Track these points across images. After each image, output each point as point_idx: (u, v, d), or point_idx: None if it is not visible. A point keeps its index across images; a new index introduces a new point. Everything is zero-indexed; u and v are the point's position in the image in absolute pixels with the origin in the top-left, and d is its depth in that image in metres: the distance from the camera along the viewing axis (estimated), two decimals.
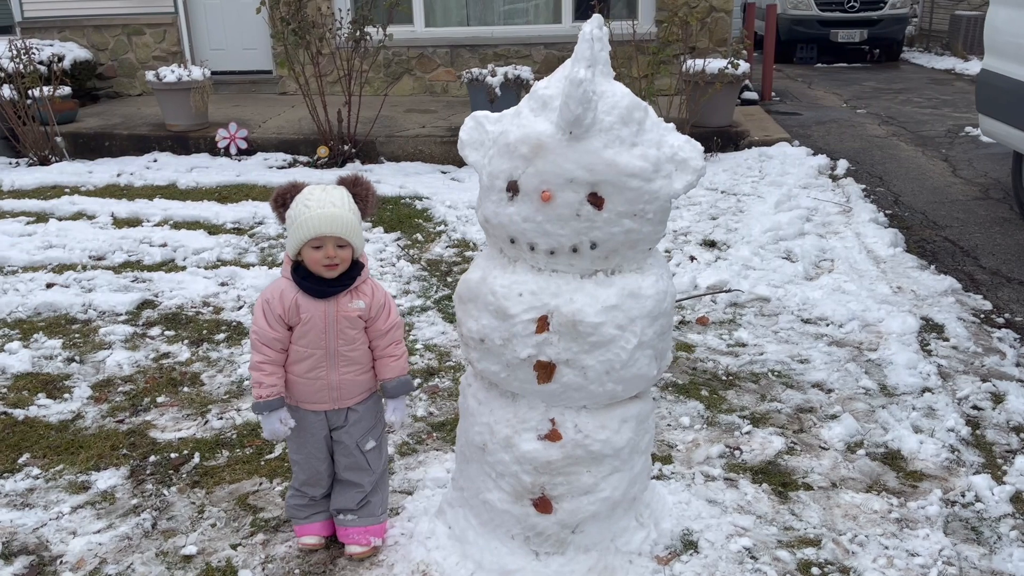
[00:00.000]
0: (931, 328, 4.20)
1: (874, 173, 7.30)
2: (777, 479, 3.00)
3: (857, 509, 2.83)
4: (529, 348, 2.32)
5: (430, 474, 3.05)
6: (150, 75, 8.27)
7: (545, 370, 2.34)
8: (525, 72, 7.91)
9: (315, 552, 2.69)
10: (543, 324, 2.31)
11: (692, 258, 5.20)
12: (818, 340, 4.08)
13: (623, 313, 2.31)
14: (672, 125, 2.43)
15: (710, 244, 5.49)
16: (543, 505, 2.46)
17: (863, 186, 6.76)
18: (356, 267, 2.47)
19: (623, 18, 9.37)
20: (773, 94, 11.25)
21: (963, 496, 2.87)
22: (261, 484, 3.06)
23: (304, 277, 2.43)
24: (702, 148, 2.39)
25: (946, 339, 4.06)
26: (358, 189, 2.50)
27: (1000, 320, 4.32)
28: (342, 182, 2.52)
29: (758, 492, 2.92)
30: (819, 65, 14.95)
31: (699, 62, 7.51)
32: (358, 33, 7.63)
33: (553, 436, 2.41)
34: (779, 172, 7.06)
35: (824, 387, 3.65)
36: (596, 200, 2.24)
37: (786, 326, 4.24)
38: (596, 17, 2.36)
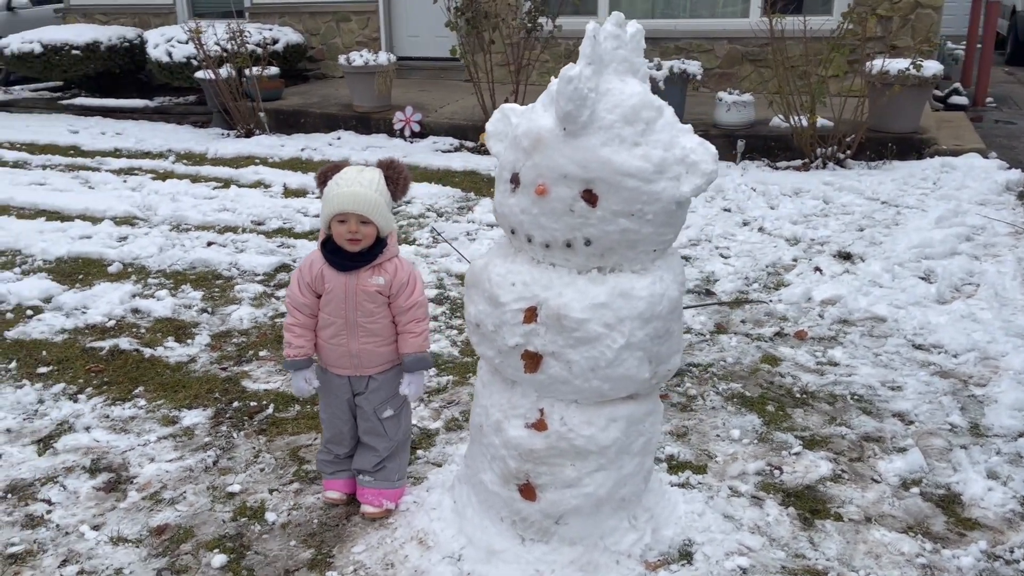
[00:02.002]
0: None
1: None
2: (808, 505, 2.84)
3: (884, 548, 2.63)
4: (517, 337, 2.38)
5: (462, 450, 3.17)
6: (341, 59, 8.92)
7: (532, 360, 2.39)
8: (693, 67, 7.75)
9: (336, 507, 2.91)
10: (531, 315, 2.36)
11: (817, 269, 4.93)
12: (922, 368, 3.77)
13: (612, 312, 2.31)
14: (689, 127, 2.38)
15: (845, 256, 5.16)
16: (527, 492, 2.52)
17: None
18: (379, 244, 2.64)
19: (817, 13, 8.93)
20: (989, 100, 10.21)
21: (1011, 552, 2.59)
22: (315, 439, 3.32)
23: (331, 251, 2.63)
24: (715, 152, 2.33)
25: None
26: (391, 172, 2.67)
27: None
28: (379, 165, 2.69)
29: (781, 515, 2.79)
30: None
31: (878, 62, 7.01)
32: (530, 24, 7.82)
33: (540, 426, 2.46)
34: (956, 185, 6.46)
35: (906, 418, 3.38)
36: (590, 197, 2.26)
37: (892, 350, 3.94)
38: (616, 15, 2.37)
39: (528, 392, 2.49)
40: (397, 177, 2.67)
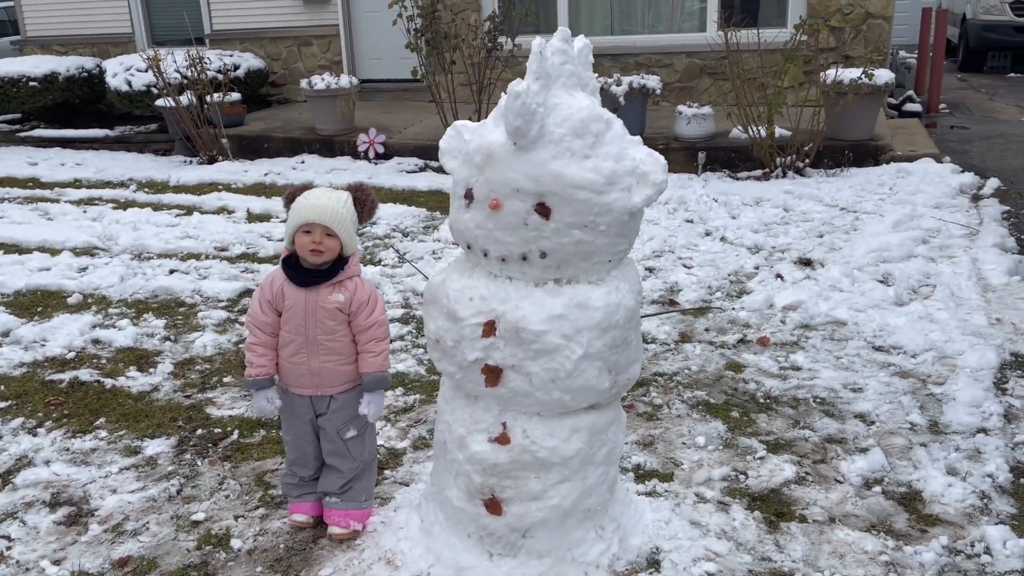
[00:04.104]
0: (1019, 365, 3.82)
1: None
2: (773, 508, 2.87)
3: (847, 548, 2.66)
4: (477, 351, 2.39)
5: (429, 469, 3.16)
6: (303, 83, 8.93)
7: (492, 374, 2.40)
8: (652, 81, 7.84)
9: (303, 530, 2.88)
10: (489, 329, 2.37)
11: (779, 276, 5.00)
12: (882, 369, 3.83)
13: (569, 323, 2.33)
14: (638, 138, 2.42)
15: (805, 263, 5.24)
16: (493, 506, 2.51)
17: (1006, 208, 6.19)
18: (341, 262, 2.64)
19: (773, 25, 9.09)
20: (942, 106, 10.44)
21: (972, 547, 2.63)
22: (281, 464, 3.29)
23: (291, 267, 2.63)
24: (665, 162, 2.36)
25: None
26: (359, 195, 2.69)
27: None
28: (348, 188, 2.70)
29: (747, 519, 2.81)
30: (1012, 75, 13.66)
31: (832, 72, 7.15)
32: (490, 43, 7.88)
33: (502, 439, 2.46)
34: (912, 190, 6.59)
35: (867, 418, 3.43)
36: (543, 210, 2.28)
37: (852, 352, 4.00)
38: (561, 30, 2.41)
39: (490, 406, 2.49)
40: (365, 199, 2.69)
